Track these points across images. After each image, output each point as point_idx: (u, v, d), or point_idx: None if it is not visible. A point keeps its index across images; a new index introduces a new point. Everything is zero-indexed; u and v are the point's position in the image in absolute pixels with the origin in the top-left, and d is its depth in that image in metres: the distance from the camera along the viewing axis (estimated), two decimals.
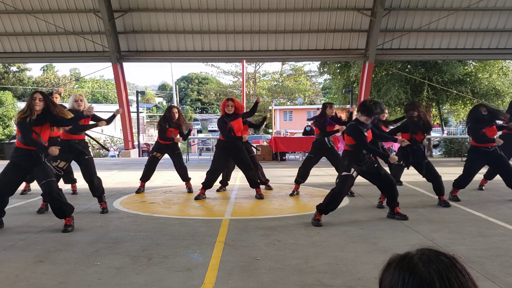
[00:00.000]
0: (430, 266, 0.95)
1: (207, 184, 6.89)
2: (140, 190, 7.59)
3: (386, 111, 7.96)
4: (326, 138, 7.07)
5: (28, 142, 4.75)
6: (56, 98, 6.48)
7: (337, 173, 5.84)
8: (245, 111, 7.65)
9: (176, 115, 7.44)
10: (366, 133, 5.18)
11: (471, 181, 6.72)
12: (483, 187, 7.69)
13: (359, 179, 8.40)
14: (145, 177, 7.59)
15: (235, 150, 6.83)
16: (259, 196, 6.96)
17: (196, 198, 6.89)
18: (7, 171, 4.90)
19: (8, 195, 4.99)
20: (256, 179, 7.05)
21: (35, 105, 4.74)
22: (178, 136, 7.46)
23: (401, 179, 7.91)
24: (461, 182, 6.65)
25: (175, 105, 8.10)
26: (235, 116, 6.80)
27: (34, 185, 6.34)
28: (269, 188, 7.92)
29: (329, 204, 5.14)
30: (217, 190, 7.80)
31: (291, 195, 7.27)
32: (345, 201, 6.71)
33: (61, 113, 4.88)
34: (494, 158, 6.48)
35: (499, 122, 6.99)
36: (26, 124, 4.74)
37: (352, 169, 5.16)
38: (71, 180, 7.29)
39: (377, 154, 5.31)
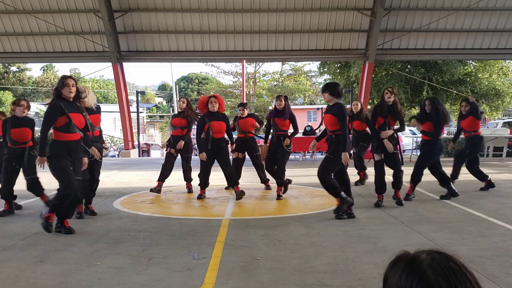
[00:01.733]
0: (439, 273, 0.94)
1: (203, 184, 6.95)
2: (155, 189, 7.24)
3: (358, 103, 8.16)
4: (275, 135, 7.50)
5: None
6: None
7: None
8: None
9: (184, 105, 7.23)
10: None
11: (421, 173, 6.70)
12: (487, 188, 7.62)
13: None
14: (162, 176, 7.33)
15: (217, 148, 6.75)
16: (238, 195, 6.55)
17: (199, 198, 6.93)
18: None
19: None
20: (233, 176, 6.86)
21: None
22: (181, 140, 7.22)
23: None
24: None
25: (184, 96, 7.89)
26: (217, 115, 6.65)
27: None
28: (268, 188, 7.92)
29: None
30: (226, 188, 7.84)
31: (278, 198, 6.89)
32: None
33: None
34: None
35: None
36: None
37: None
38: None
39: (343, 142, 5.24)
